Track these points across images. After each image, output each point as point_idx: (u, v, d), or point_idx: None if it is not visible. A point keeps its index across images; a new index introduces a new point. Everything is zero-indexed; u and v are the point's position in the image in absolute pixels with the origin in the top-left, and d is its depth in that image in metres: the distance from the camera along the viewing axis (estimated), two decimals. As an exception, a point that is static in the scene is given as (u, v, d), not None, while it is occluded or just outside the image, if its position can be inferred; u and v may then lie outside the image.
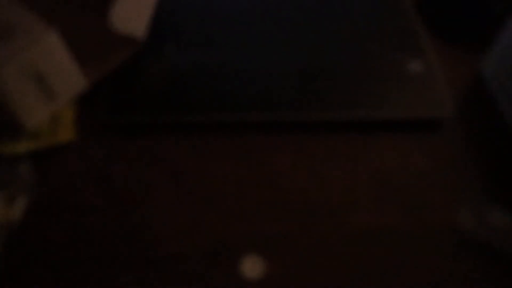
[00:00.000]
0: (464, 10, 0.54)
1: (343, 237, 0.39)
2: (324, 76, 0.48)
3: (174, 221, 0.39)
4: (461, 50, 0.53)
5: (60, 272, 0.37)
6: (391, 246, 0.38)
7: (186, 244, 0.38)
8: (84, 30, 0.48)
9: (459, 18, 0.55)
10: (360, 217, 0.40)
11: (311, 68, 0.49)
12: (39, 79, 0.41)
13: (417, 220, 0.40)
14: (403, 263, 0.37)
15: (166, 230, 0.39)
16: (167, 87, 0.47)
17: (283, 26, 0.52)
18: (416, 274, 0.37)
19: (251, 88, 0.47)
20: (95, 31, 0.47)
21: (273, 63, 0.49)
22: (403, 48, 0.51)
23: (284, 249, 0.38)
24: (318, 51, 0.50)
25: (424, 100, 0.46)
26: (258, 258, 0.37)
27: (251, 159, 0.43)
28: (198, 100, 0.46)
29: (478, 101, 0.48)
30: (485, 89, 0.49)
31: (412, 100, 0.46)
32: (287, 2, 0.55)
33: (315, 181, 0.42)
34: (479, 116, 0.47)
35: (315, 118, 0.45)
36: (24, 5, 0.40)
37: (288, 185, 0.42)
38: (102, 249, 0.38)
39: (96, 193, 0.41)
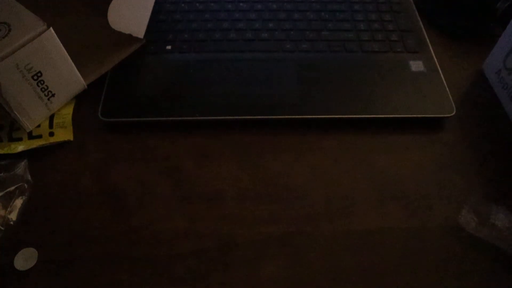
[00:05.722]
0: (466, 8, 0.54)
1: (343, 237, 0.38)
2: (325, 75, 0.48)
3: (174, 221, 0.39)
4: (463, 49, 0.53)
5: (59, 272, 0.36)
6: (392, 246, 0.38)
7: (186, 244, 0.38)
8: (83, 30, 0.48)
9: (461, 16, 0.55)
10: (361, 217, 0.40)
11: (311, 67, 0.49)
12: (36, 77, 0.40)
13: (419, 220, 0.40)
14: (405, 264, 0.37)
15: (166, 230, 0.39)
16: (166, 87, 0.47)
17: (284, 27, 0.52)
18: (417, 275, 0.37)
19: (251, 88, 0.47)
20: (94, 30, 0.47)
21: (273, 63, 0.49)
22: (404, 48, 0.51)
23: (284, 249, 0.38)
24: (319, 51, 0.50)
25: (426, 99, 0.46)
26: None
27: (251, 159, 0.43)
28: (198, 100, 0.46)
29: (479, 100, 0.48)
30: (487, 87, 0.49)
31: (413, 99, 0.46)
32: (288, 4, 0.55)
33: (315, 181, 0.42)
34: (481, 115, 0.47)
35: (315, 117, 0.45)
36: (21, 2, 0.40)
37: (288, 185, 0.41)
38: (102, 249, 0.38)
39: (95, 193, 0.41)
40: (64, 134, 0.44)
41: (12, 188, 0.40)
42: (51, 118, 0.45)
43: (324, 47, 0.50)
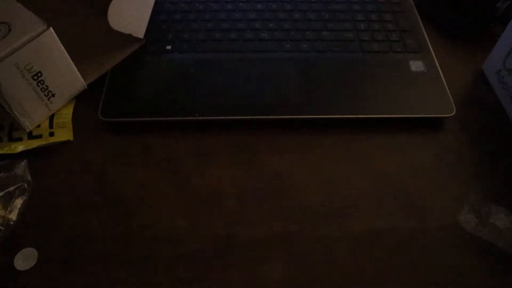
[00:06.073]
0: (466, 8, 0.54)
1: (343, 237, 0.38)
2: (325, 76, 0.48)
3: (174, 221, 0.39)
4: (463, 49, 0.53)
5: (59, 272, 0.36)
6: (392, 246, 0.38)
7: (186, 244, 0.38)
8: (83, 30, 0.48)
9: (461, 16, 0.55)
10: (361, 217, 0.40)
11: (312, 68, 0.49)
12: (36, 77, 0.40)
13: (418, 220, 0.40)
14: (405, 264, 0.37)
15: (166, 230, 0.39)
16: (166, 87, 0.47)
17: (284, 27, 0.52)
18: (418, 275, 0.37)
19: (251, 88, 0.47)
20: (94, 30, 0.47)
21: (273, 63, 0.49)
22: (404, 48, 0.51)
23: (284, 249, 0.38)
24: (319, 51, 0.50)
25: (426, 99, 0.46)
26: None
27: (251, 159, 0.43)
28: (198, 100, 0.46)
29: (479, 100, 0.48)
30: (487, 87, 0.49)
31: (413, 99, 0.46)
32: (288, 4, 0.55)
33: (315, 181, 0.42)
34: (481, 115, 0.47)
35: (315, 117, 0.45)
36: (21, 2, 0.40)
37: (288, 185, 0.41)
38: (101, 249, 0.38)
39: (95, 193, 0.41)
40: (64, 134, 0.44)
41: (12, 188, 0.40)
42: (51, 118, 0.45)
43: (324, 47, 0.50)
